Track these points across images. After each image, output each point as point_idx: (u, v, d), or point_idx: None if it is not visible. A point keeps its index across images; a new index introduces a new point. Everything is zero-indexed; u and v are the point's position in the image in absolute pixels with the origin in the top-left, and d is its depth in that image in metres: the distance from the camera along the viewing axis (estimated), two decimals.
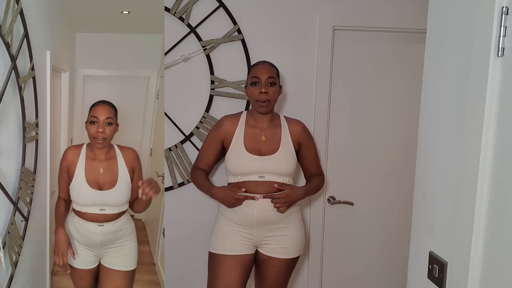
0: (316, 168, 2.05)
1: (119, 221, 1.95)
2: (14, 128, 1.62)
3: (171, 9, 2.15)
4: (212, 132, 1.99)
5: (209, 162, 2.00)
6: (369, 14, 2.26)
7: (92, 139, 1.89)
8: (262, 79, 1.85)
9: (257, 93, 1.86)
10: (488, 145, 0.87)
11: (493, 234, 0.87)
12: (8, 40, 1.45)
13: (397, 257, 2.49)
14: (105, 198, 1.89)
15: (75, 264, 1.94)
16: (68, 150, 1.97)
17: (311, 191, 2.01)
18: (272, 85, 1.87)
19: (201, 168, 2.01)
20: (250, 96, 1.90)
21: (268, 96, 1.85)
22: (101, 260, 2.01)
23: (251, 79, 1.89)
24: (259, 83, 1.86)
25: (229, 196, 1.84)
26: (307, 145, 1.98)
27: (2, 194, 1.49)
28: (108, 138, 1.88)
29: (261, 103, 1.86)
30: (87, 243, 1.94)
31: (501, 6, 0.83)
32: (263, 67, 1.88)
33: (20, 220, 1.72)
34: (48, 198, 2.36)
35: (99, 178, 1.91)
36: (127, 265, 2.00)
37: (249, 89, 1.89)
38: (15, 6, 1.52)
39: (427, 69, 1.13)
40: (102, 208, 1.88)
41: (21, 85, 1.62)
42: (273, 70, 1.90)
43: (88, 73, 4.07)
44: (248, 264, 1.93)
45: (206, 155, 1.99)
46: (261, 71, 1.87)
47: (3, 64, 1.47)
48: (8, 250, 1.55)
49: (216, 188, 1.90)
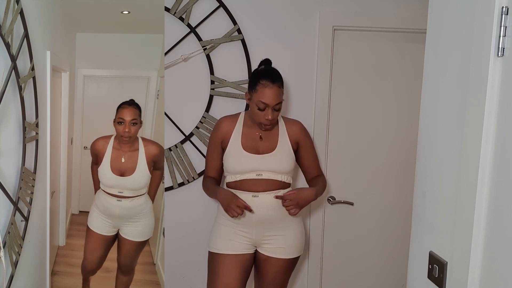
0: (316, 168, 2.04)
1: (135, 200, 2.33)
2: (14, 128, 1.62)
3: (171, 9, 2.15)
4: (212, 135, 1.98)
5: (217, 167, 1.98)
6: (369, 14, 2.26)
7: (120, 137, 2.24)
8: (270, 106, 1.79)
9: (263, 118, 1.81)
10: (488, 145, 0.87)
11: (493, 234, 0.87)
12: (8, 40, 1.45)
13: (397, 257, 2.49)
14: (124, 183, 2.27)
15: (92, 227, 2.40)
16: (97, 142, 2.35)
17: (320, 192, 1.95)
18: (278, 110, 1.82)
19: (210, 176, 1.99)
20: (254, 116, 1.84)
21: (273, 121, 1.83)
22: (119, 231, 2.43)
23: (258, 102, 1.79)
24: (266, 109, 1.79)
25: (230, 198, 1.78)
26: (305, 145, 1.98)
27: (2, 194, 1.49)
28: (132, 136, 2.24)
29: (265, 126, 1.84)
30: (107, 213, 2.36)
31: (501, 6, 0.83)
32: (272, 92, 1.77)
33: (20, 220, 1.72)
34: (48, 198, 2.36)
35: (121, 166, 2.28)
36: (138, 237, 2.41)
37: (254, 109, 1.82)
38: (15, 6, 1.52)
39: (427, 69, 1.13)
40: (120, 191, 2.29)
41: (21, 85, 1.62)
42: (281, 92, 1.80)
43: (88, 73, 4.07)
44: (248, 263, 1.93)
45: (211, 160, 1.98)
46: (270, 98, 1.77)
47: (3, 64, 1.47)
48: (8, 250, 1.55)
49: (221, 189, 1.88)
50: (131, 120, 2.18)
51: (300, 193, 1.81)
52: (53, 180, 2.73)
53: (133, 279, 3.14)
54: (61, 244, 3.59)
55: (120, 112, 2.18)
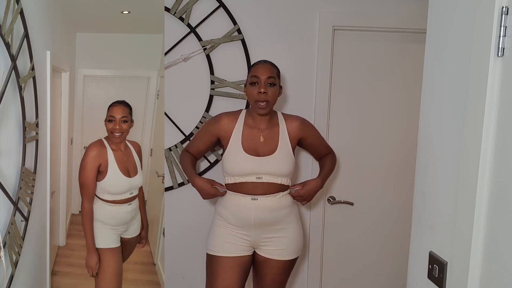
0: (324, 149, 2.09)
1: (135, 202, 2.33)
2: (14, 128, 1.62)
3: (171, 9, 2.15)
4: (208, 125, 1.97)
5: (200, 150, 2.03)
6: (369, 14, 2.26)
7: (110, 133, 2.18)
8: (262, 79, 1.82)
9: (256, 93, 1.82)
10: (488, 145, 0.87)
11: (493, 234, 0.87)
12: (8, 40, 1.45)
13: (397, 257, 2.49)
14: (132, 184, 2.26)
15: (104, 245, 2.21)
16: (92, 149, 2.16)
17: (327, 175, 2.05)
18: (272, 86, 1.83)
19: (191, 152, 2.04)
20: (249, 96, 1.87)
21: (267, 97, 1.82)
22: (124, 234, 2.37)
23: (250, 79, 1.86)
24: (259, 83, 1.83)
25: (208, 189, 1.90)
26: (309, 136, 1.98)
27: (2, 194, 1.49)
28: (124, 133, 2.19)
29: (260, 103, 1.82)
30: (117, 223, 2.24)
31: (501, 6, 0.83)
32: (263, 66, 1.86)
33: (20, 220, 1.72)
34: (48, 198, 2.36)
35: (127, 166, 2.26)
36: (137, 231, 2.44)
37: (248, 88, 1.86)
38: (15, 6, 1.52)
39: (427, 69, 1.13)
40: (131, 192, 2.27)
41: (21, 85, 1.62)
42: (274, 70, 1.87)
43: (88, 73, 4.08)
44: (246, 265, 1.92)
45: (198, 142, 2.01)
46: (261, 71, 1.84)
47: (3, 64, 1.47)
48: (8, 250, 1.55)
49: (198, 178, 1.93)
50: (121, 118, 2.15)
51: (306, 188, 1.94)
52: (53, 180, 2.73)
53: (133, 279, 3.15)
54: (61, 244, 3.59)
55: (110, 110, 2.17)
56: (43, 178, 2.17)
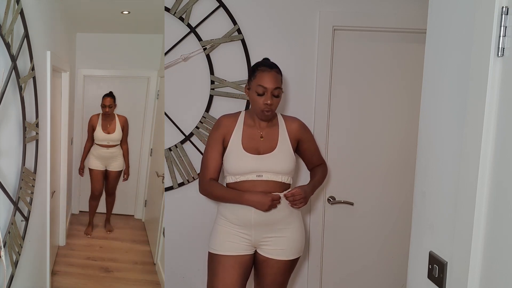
0: (317, 159, 2.07)
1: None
2: (14, 128, 1.62)
3: (171, 9, 2.15)
4: (213, 133, 1.94)
5: (218, 168, 1.93)
6: (369, 14, 2.26)
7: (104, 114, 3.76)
8: (269, 90, 1.81)
9: (263, 103, 1.82)
10: (488, 145, 0.87)
11: (493, 234, 0.87)
12: (8, 40, 1.45)
13: (397, 257, 2.49)
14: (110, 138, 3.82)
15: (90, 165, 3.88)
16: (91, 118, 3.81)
17: (317, 185, 2.01)
18: (277, 96, 1.84)
19: (211, 177, 1.91)
20: (254, 103, 1.85)
21: (273, 107, 1.84)
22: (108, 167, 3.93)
23: (256, 87, 1.82)
24: (265, 93, 1.81)
25: (266, 200, 1.80)
26: (306, 140, 1.98)
27: (2, 194, 1.50)
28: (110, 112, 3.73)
29: (265, 112, 1.84)
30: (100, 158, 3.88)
31: (501, 6, 0.83)
32: (270, 76, 1.81)
33: (20, 220, 1.72)
34: (48, 198, 2.36)
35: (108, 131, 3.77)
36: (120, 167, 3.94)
37: (253, 96, 1.84)
38: (15, 6, 1.52)
39: (427, 69, 1.13)
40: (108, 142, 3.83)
41: (22, 85, 1.62)
42: (279, 78, 1.85)
43: (88, 73, 4.07)
44: (247, 264, 1.92)
45: (212, 159, 1.92)
46: (268, 81, 1.80)
47: (4, 64, 1.47)
48: (9, 249, 1.55)
49: (249, 194, 1.83)
50: (109, 105, 3.63)
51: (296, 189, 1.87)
52: (53, 180, 2.73)
53: (133, 279, 3.15)
54: (61, 244, 3.59)
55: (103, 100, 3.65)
56: (43, 178, 2.17)
